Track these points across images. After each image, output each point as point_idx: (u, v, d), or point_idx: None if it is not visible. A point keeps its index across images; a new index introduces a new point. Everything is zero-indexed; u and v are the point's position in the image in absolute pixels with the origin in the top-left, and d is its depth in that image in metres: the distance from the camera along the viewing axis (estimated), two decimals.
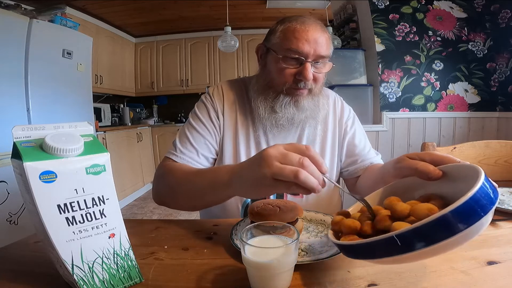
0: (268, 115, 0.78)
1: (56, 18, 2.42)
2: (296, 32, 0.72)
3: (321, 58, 0.74)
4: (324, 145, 0.86)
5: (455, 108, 2.20)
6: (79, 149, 0.39)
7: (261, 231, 0.45)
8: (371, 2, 2.15)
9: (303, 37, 0.71)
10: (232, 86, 0.88)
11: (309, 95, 0.77)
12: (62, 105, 2.36)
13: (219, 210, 0.83)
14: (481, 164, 1.01)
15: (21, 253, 0.55)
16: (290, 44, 0.72)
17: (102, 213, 0.40)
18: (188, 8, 3.63)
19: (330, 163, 0.86)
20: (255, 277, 0.40)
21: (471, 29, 2.17)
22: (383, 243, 0.32)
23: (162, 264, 0.49)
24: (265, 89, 0.79)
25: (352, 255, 0.38)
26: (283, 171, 0.42)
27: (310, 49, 0.71)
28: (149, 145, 4.11)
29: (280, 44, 0.74)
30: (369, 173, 0.82)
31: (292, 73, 0.74)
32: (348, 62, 2.28)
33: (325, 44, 0.74)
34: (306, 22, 0.73)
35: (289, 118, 0.77)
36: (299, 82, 0.74)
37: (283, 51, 0.73)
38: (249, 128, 0.83)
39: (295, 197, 0.82)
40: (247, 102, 0.84)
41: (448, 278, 0.42)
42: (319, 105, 0.80)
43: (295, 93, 0.76)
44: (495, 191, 0.33)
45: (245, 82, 0.89)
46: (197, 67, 4.49)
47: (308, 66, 0.72)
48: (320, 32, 0.73)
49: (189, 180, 0.66)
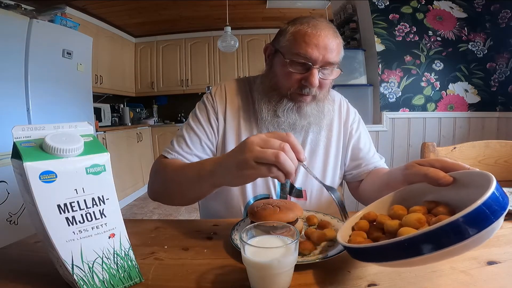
0: (271, 119, 0.77)
1: (56, 18, 2.42)
2: (307, 36, 0.69)
3: (329, 65, 0.72)
4: (328, 150, 0.85)
5: (455, 108, 2.20)
6: (79, 149, 0.39)
7: (261, 231, 0.46)
8: (371, 2, 2.15)
9: (313, 42, 0.69)
10: (236, 86, 0.86)
11: (313, 101, 0.76)
12: (62, 105, 2.36)
13: (221, 210, 0.83)
14: (481, 164, 1.01)
15: (21, 253, 0.55)
16: (299, 48, 0.70)
17: (102, 213, 0.40)
18: (188, 8, 3.63)
19: (334, 167, 0.85)
20: (255, 277, 0.40)
21: (471, 29, 2.17)
22: (393, 247, 0.32)
23: (162, 264, 0.49)
24: (269, 91, 0.78)
25: (361, 258, 0.38)
26: (265, 154, 0.45)
27: (319, 55, 0.69)
28: (149, 145, 4.11)
29: (289, 47, 0.72)
30: (374, 177, 0.80)
31: (298, 79, 0.72)
32: (348, 62, 2.28)
33: (336, 50, 0.71)
34: (318, 26, 0.70)
35: (291, 124, 0.76)
36: (304, 88, 0.72)
37: (291, 55, 0.71)
38: (252, 129, 0.82)
39: (299, 199, 0.82)
40: (251, 103, 0.83)
41: (448, 278, 0.42)
42: (323, 111, 0.78)
43: (299, 98, 0.74)
44: (506, 197, 0.34)
45: (249, 82, 0.87)
46: (197, 67, 4.48)
47: (314, 72, 0.70)
48: (331, 37, 0.70)
49: (177, 173, 0.67)
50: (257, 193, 0.81)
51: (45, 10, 2.40)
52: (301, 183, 0.82)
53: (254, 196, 0.81)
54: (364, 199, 0.81)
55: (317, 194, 0.83)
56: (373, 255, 0.35)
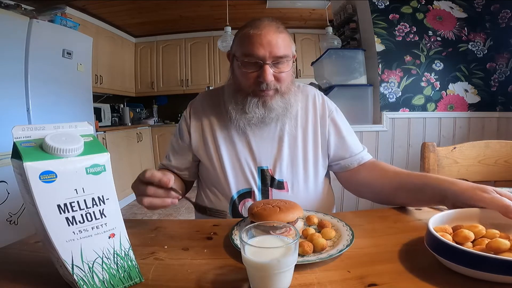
0: (240, 116, 0.81)
1: (56, 18, 2.42)
2: (250, 37, 0.75)
3: (279, 59, 0.76)
4: (306, 142, 0.86)
5: (455, 108, 2.20)
6: (79, 149, 0.39)
7: (261, 231, 0.46)
8: (371, 2, 2.15)
9: (257, 41, 0.74)
10: (205, 97, 0.94)
11: (277, 94, 0.80)
12: (62, 105, 2.36)
13: (209, 205, 0.86)
14: (481, 164, 1.01)
15: (21, 253, 0.55)
16: (246, 49, 0.75)
17: (102, 213, 0.40)
18: (188, 8, 3.63)
19: (314, 159, 0.86)
20: (255, 277, 0.40)
21: (471, 29, 2.17)
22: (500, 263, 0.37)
23: (162, 264, 0.49)
24: (235, 93, 0.83)
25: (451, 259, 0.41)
26: (138, 202, 0.63)
27: (265, 52, 0.74)
28: (149, 145, 4.10)
29: (239, 50, 0.78)
30: (381, 174, 0.80)
31: (253, 77, 0.77)
32: (348, 62, 2.28)
33: (282, 44, 0.76)
34: (259, 26, 0.76)
35: (260, 118, 0.80)
36: (261, 84, 0.76)
37: (242, 57, 0.77)
38: (227, 128, 0.86)
39: (281, 191, 0.84)
40: (223, 106, 0.88)
41: (448, 277, 0.42)
42: (290, 102, 0.82)
43: (261, 94, 0.79)
44: None
45: (222, 88, 0.93)
46: (197, 67, 4.48)
47: (266, 68, 0.75)
48: (273, 33, 0.75)
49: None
50: (239, 188, 0.84)
51: (45, 10, 2.40)
52: (281, 174, 0.84)
53: (237, 191, 0.84)
54: (369, 196, 0.83)
55: (299, 185, 0.85)
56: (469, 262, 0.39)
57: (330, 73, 2.26)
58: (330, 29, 2.86)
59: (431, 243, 0.44)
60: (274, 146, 0.85)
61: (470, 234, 0.45)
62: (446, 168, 0.98)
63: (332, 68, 2.26)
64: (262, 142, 0.85)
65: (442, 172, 0.98)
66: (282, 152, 0.84)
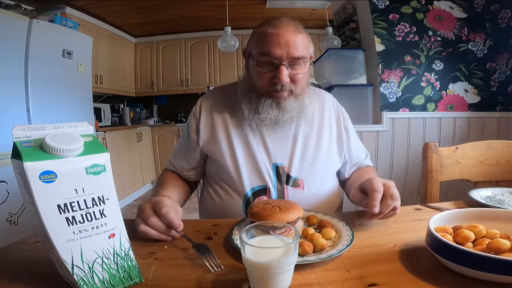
0: (253, 116, 0.80)
1: (56, 18, 2.42)
2: (268, 36, 0.73)
3: (296, 60, 0.74)
4: (320, 143, 0.86)
5: (455, 108, 2.20)
6: (79, 149, 0.39)
7: (261, 231, 0.46)
8: (371, 2, 2.15)
9: (274, 41, 0.72)
10: (218, 93, 0.91)
11: (291, 96, 0.79)
12: (62, 105, 2.36)
13: (220, 203, 0.85)
14: (483, 164, 1.01)
15: (21, 253, 0.55)
16: (263, 48, 0.74)
17: (102, 213, 0.40)
18: (188, 8, 3.63)
19: (325, 161, 0.86)
20: (255, 277, 0.40)
21: (471, 29, 2.17)
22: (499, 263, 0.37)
23: (162, 264, 0.49)
24: (248, 92, 0.81)
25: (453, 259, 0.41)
26: (136, 222, 0.60)
27: (282, 52, 0.72)
28: (149, 145, 4.10)
29: (256, 49, 0.76)
30: (354, 178, 0.89)
31: (269, 77, 0.75)
32: (348, 62, 2.28)
33: (300, 45, 0.74)
34: (278, 25, 0.74)
35: (273, 119, 0.79)
36: (276, 85, 0.75)
37: (258, 56, 0.75)
38: (241, 125, 0.84)
39: (296, 189, 0.82)
40: (236, 103, 0.86)
41: (448, 277, 0.42)
42: (304, 104, 0.81)
43: (275, 95, 0.77)
44: None
45: (235, 85, 0.91)
46: (197, 67, 4.48)
47: (282, 69, 0.73)
48: (292, 33, 0.73)
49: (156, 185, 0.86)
50: (254, 185, 0.82)
51: (45, 10, 2.40)
52: (297, 172, 0.83)
53: (251, 188, 0.82)
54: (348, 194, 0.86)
55: (315, 183, 0.84)
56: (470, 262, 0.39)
57: (330, 73, 2.26)
58: (330, 29, 2.86)
59: (432, 243, 0.44)
60: (288, 144, 0.84)
61: (470, 234, 0.45)
62: (449, 169, 0.98)
63: (332, 68, 2.26)
64: (277, 140, 0.84)
65: (444, 173, 0.97)
66: (297, 151, 0.83)
